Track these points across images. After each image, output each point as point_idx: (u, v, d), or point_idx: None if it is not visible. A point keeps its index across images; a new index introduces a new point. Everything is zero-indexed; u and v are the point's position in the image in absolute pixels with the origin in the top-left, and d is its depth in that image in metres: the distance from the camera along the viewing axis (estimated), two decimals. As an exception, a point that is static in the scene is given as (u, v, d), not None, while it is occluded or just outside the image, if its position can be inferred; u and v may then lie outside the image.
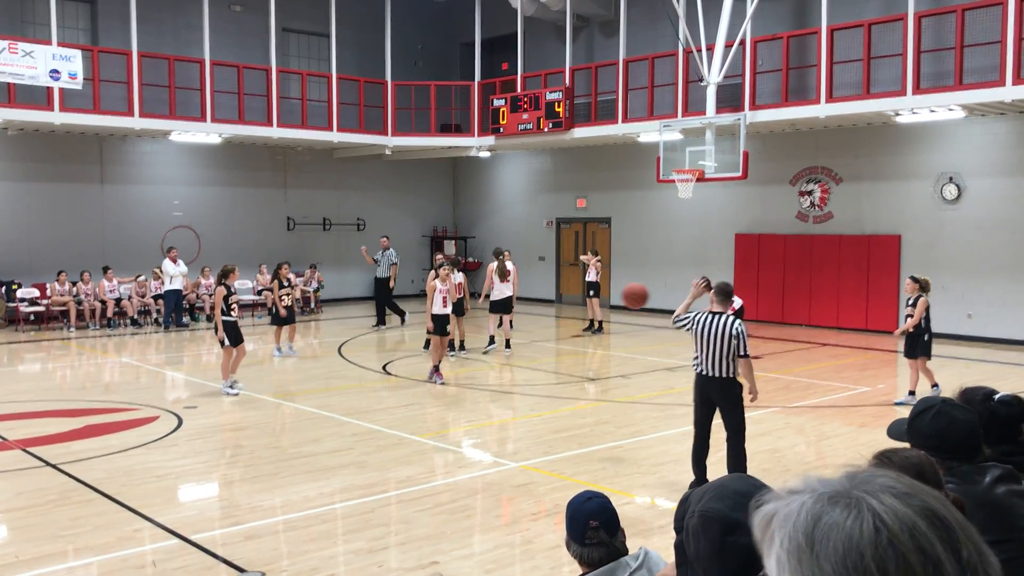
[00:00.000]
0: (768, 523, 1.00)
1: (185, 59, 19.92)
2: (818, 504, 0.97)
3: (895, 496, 0.96)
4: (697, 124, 17.46)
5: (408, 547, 6.34)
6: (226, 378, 12.11)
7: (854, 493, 0.97)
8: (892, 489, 0.97)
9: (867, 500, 0.96)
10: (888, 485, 0.98)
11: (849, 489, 0.98)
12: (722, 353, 7.48)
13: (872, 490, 0.97)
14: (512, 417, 10.98)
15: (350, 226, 25.40)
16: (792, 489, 1.01)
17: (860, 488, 0.98)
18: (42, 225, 20.38)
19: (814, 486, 1.00)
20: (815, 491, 0.99)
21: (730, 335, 7.43)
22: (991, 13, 14.84)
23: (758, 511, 1.03)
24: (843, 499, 0.96)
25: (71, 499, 7.46)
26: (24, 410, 11.11)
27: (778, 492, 1.02)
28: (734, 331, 7.43)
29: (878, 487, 0.98)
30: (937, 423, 3.01)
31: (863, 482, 0.99)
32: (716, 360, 7.51)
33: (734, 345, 7.48)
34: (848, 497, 0.96)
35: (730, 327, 7.44)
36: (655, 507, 7.46)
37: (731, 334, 7.43)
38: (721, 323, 7.45)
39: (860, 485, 0.98)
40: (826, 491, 0.98)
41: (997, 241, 16.95)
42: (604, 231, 24.06)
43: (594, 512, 3.07)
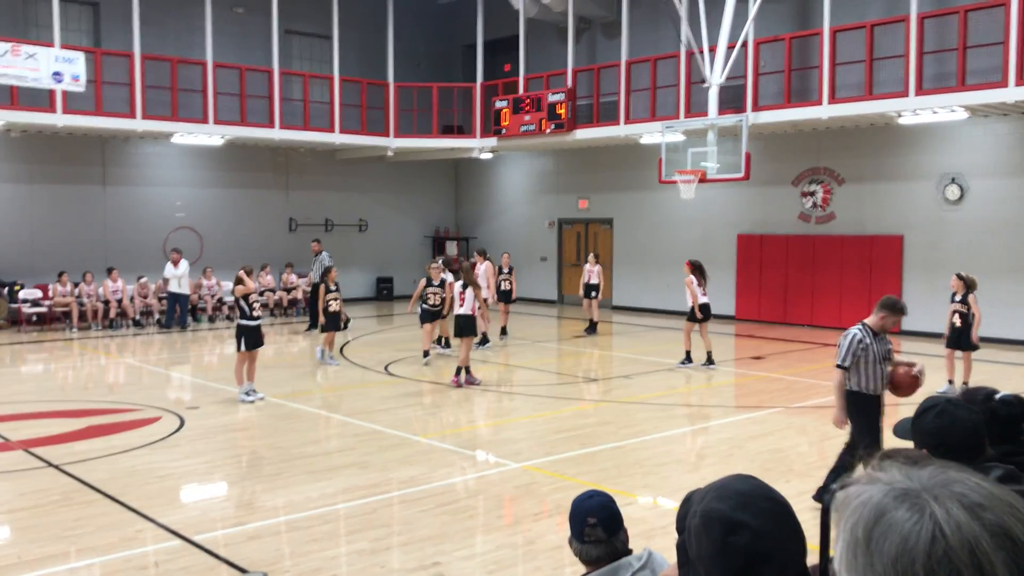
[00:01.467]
0: (842, 508, 0.99)
1: (187, 61, 19.95)
2: (886, 499, 0.95)
3: (965, 507, 0.93)
4: (699, 125, 17.46)
5: (410, 547, 6.34)
6: (240, 384, 11.65)
7: (924, 495, 0.94)
8: (964, 498, 0.94)
9: (933, 505, 0.93)
10: (962, 493, 0.94)
11: (922, 489, 0.95)
12: (883, 372, 6.99)
13: (944, 495, 0.94)
14: (514, 417, 10.98)
15: (352, 227, 25.41)
16: (873, 476, 1.00)
17: (934, 490, 0.95)
18: (44, 226, 20.41)
19: (893, 477, 0.98)
20: (890, 484, 0.97)
21: (888, 353, 7.03)
22: (993, 14, 14.83)
23: (839, 492, 1.02)
24: (911, 499, 0.94)
25: (73, 500, 7.47)
26: (27, 411, 11.13)
27: (863, 475, 1.01)
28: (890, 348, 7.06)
29: (951, 493, 0.94)
30: (940, 422, 3.01)
31: (940, 484, 0.96)
32: (875, 381, 7.01)
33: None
34: (917, 498, 0.94)
35: (888, 346, 7.07)
36: (657, 507, 7.46)
37: (888, 352, 7.04)
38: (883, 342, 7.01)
39: (935, 487, 0.95)
40: (900, 486, 0.96)
41: (1000, 242, 16.93)
42: (606, 232, 24.06)
43: (593, 510, 3.08)
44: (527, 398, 12.05)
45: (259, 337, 11.75)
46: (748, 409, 11.33)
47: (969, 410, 3.07)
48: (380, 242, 25.75)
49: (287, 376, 13.93)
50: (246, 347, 11.55)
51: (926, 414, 3.08)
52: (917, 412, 3.14)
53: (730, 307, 21.15)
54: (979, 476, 0.98)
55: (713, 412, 11.27)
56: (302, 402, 11.65)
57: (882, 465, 1.02)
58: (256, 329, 11.67)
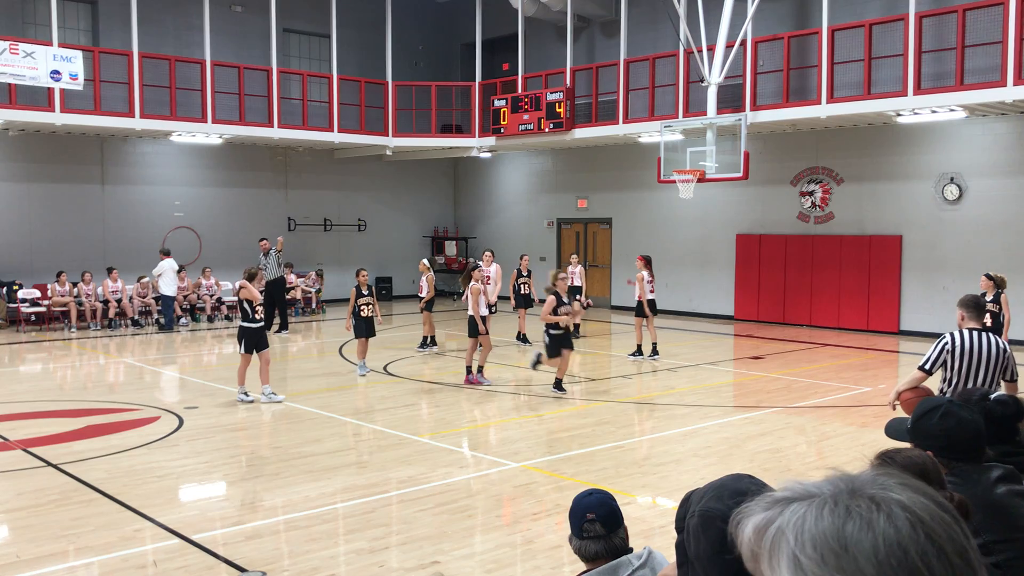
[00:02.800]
0: (764, 533, 0.96)
1: (186, 60, 19.94)
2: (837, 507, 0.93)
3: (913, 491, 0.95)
4: (698, 124, 17.46)
5: (409, 547, 6.34)
6: (240, 384, 11.55)
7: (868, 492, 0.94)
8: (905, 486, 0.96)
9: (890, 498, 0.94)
10: (899, 483, 0.96)
11: (858, 490, 0.95)
12: (992, 378, 6.27)
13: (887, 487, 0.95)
14: (513, 417, 10.98)
15: (351, 227, 25.41)
16: (778, 498, 0.97)
17: (871, 488, 0.95)
18: (43, 226, 20.40)
19: (809, 491, 0.97)
20: (816, 495, 0.96)
21: (1001, 354, 6.28)
22: (992, 13, 14.84)
23: (746, 522, 0.98)
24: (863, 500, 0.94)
25: (72, 499, 7.46)
26: (25, 410, 11.12)
27: (760, 503, 0.98)
28: (1006, 350, 6.33)
29: (890, 485, 0.95)
30: (945, 423, 3.01)
31: (869, 483, 0.96)
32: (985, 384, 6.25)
33: (1002, 368, 6.30)
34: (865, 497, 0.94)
35: (1000, 345, 6.32)
36: (656, 507, 7.46)
37: (1002, 353, 6.29)
38: (988, 341, 6.30)
39: (868, 485, 0.95)
40: (832, 494, 0.95)
41: (998, 241, 16.94)
42: (605, 231, 24.06)
43: (592, 506, 3.08)
44: (526, 398, 12.05)
45: (261, 339, 11.59)
46: (746, 409, 11.33)
47: (972, 411, 3.08)
48: (379, 241, 25.75)
49: (286, 376, 13.92)
50: (245, 349, 11.47)
51: (929, 416, 3.07)
52: (918, 413, 3.14)
53: (729, 307, 21.16)
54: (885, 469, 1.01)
55: (712, 412, 11.27)
56: (301, 402, 11.65)
57: (782, 486, 1.02)
58: (257, 331, 11.52)
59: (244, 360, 11.59)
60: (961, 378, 6.24)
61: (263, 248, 19.44)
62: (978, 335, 6.28)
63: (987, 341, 6.26)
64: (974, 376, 6.22)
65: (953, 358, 6.26)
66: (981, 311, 6.51)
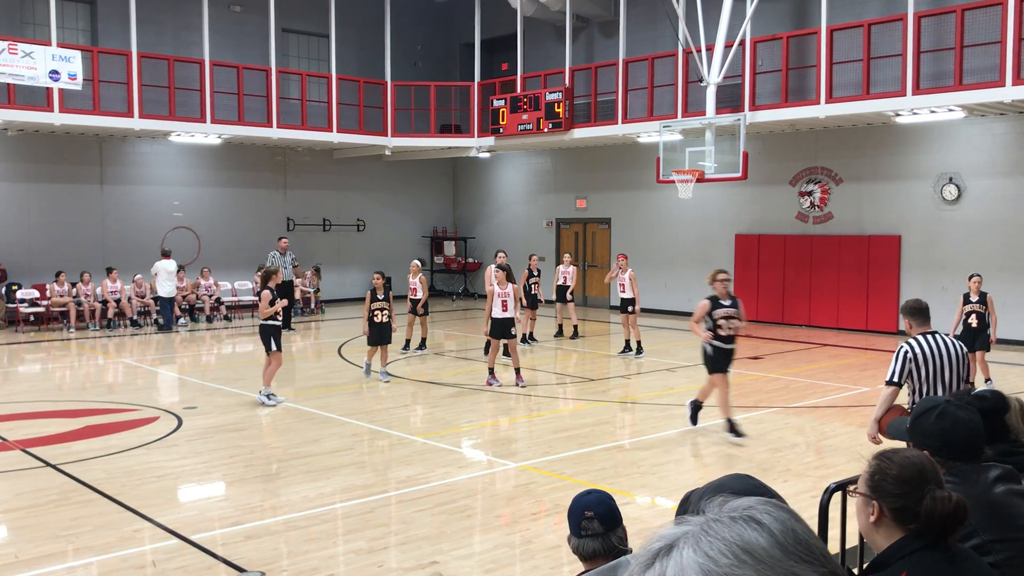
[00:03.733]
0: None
1: (185, 60, 19.93)
2: (718, 525, 1.01)
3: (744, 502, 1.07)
4: (697, 124, 17.47)
5: (408, 547, 6.34)
6: (268, 385, 11.45)
7: (721, 515, 1.03)
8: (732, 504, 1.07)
9: (740, 507, 1.05)
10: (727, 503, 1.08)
11: (712, 517, 1.03)
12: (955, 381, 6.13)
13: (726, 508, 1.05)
14: (512, 417, 10.98)
15: (350, 227, 25.40)
16: (654, 550, 1.01)
17: (717, 514, 1.03)
18: (42, 226, 20.38)
19: (674, 532, 1.02)
20: (686, 531, 1.01)
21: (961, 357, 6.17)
22: (991, 13, 14.84)
23: None
24: (725, 517, 1.02)
25: (71, 499, 7.46)
26: (24, 410, 11.12)
27: (638, 566, 1.02)
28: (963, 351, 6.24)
29: (727, 507, 1.06)
30: (941, 423, 3.02)
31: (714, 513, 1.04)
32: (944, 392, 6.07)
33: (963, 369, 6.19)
34: (725, 516, 1.02)
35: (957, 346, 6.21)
36: (655, 507, 7.46)
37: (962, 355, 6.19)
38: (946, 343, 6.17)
39: (714, 515, 1.03)
40: (700, 523, 1.02)
41: (997, 241, 16.95)
42: (604, 232, 24.07)
43: (590, 504, 3.09)
44: (525, 398, 12.04)
45: (279, 339, 11.70)
46: (746, 409, 11.33)
47: (969, 411, 3.09)
48: (378, 241, 25.72)
49: (286, 376, 13.91)
50: (277, 347, 11.52)
51: (926, 415, 3.08)
52: (916, 413, 3.15)
53: (728, 306, 21.14)
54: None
55: (711, 412, 11.27)
56: (300, 402, 11.64)
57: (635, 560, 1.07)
58: (277, 329, 11.64)
59: (276, 359, 11.53)
60: (929, 385, 6.08)
61: (283, 247, 19.57)
62: (934, 339, 6.13)
63: (945, 343, 6.13)
64: (940, 381, 6.06)
65: (917, 366, 6.07)
66: (927, 314, 6.30)
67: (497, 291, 12.48)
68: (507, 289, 12.53)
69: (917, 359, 6.07)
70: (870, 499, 2.51)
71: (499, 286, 12.48)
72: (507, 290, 12.53)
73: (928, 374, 6.08)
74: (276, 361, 11.51)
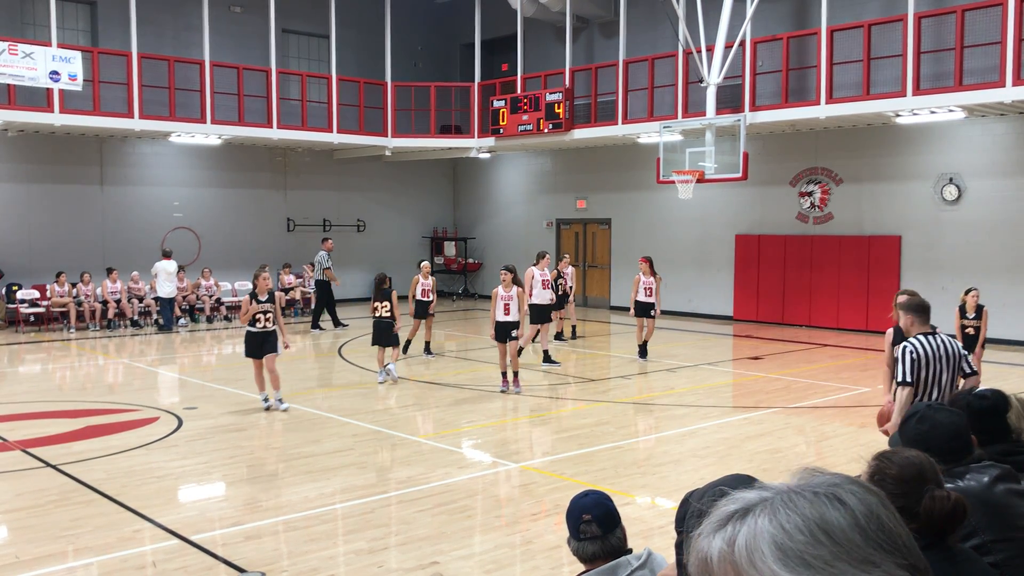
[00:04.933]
0: (735, 544, 0.96)
1: (185, 60, 19.93)
2: (800, 498, 0.97)
3: (833, 477, 1.02)
4: (697, 125, 17.47)
5: (408, 547, 6.34)
6: (261, 391, 11.08)
7: (806, 489, 0.99)
8: (826, 479, 1.02)
9: (829, 483, 1.00)
10: (818, 478, 1.02)
11: (795, 489, 0.99)
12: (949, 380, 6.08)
13: (816, 481, 1.00)
14: (512, 418, 10.98)
15: (350, 227, 25.41)
16: (729, 512, 0.99)
17: (805, 486, 0.99)
18: (42, 226, 20.39)
19: (752, 499, 0.99)
20: (766, 498, 0.98)
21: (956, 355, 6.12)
22: (991, 14, 14.85)
23: (709, 543, 0.99)
24: (808, 492, 0.98)
25: (71, 500, 7.46)
26: (24, 411, 11.12)
27: (711, 525, 1.00)
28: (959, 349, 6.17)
29: (817, 480, 1.01)
30: (921, 427, 3.10)
31: (799, 485, 1.00)
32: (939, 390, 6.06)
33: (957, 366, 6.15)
34: (809, 491, 0.98)
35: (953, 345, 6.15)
36: (655, 507, 7.46)
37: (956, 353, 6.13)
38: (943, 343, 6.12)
39: (800, 487, 0.99)
40: (783, 492, 0.98)
41: (997, 242, 16.95)
42: (604, 232, 24.07)
43: (588, 507, 3.08)
44: (525, 398, 12.04)
45: (257, 346, 10.89)
46: (746, 409, 11.34)
47: (950, 413, 3.16)
48: (378, 242, 25.73)
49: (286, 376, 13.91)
50: (248, 353, 11.04)
51: (909, 421, 3.19)
52: (904, 418, 3.22)
53: (728, 307, 21.17)
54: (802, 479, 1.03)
55: (711, 412, 11.27)
56: (300, 402, 11.64)
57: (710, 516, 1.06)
58: (254, 336, 10.91)
59: (255, 366, 11.05)
60: (926, 387, 6.02)
61: (329, 247, 19.83)
62: (935, 339, 6.07)
63: (943, 343, 6.08)
64: (938, 381, 6.02)
65: (919, 367, 6.00)
66: (928, 313, 6.25)
67: (501, 293, 12.10)
68: (511, 292, 12.07)
69: (920, 360, 6.00)
70: (869, 499, 2.51)
71: (503, 288, 12.12)
72: (511, 293, 12.07)
73: (928, 375, 6.03)
74: (256, 368, 10.97)
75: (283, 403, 11.05)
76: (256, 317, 10.84)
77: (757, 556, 0.94)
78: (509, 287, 12.07)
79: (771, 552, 0.94)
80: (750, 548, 0.95)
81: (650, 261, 15.48)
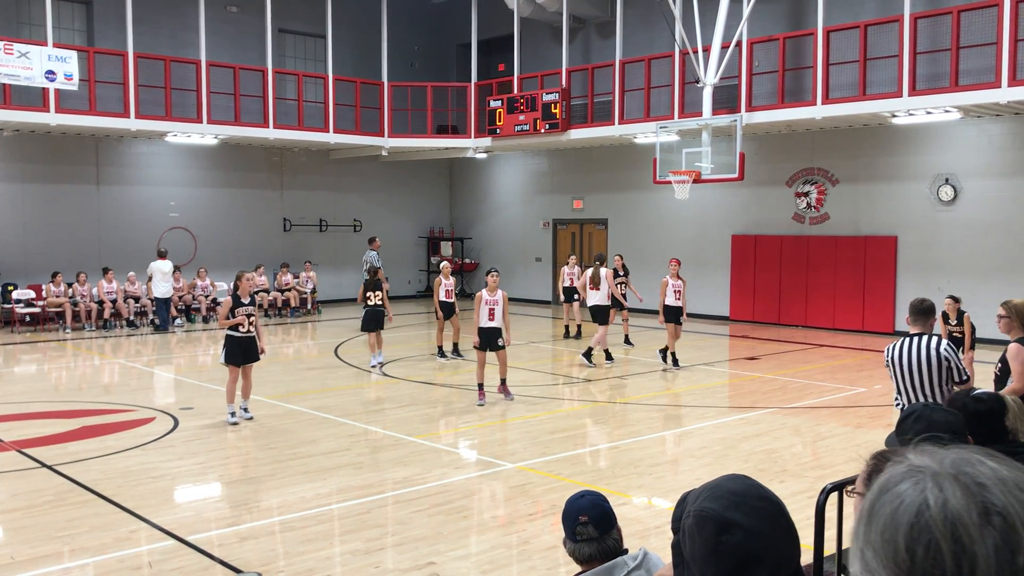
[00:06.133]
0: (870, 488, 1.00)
1: (181, 60, 19.90)
2: (896, 476, 0.97)
3: (963, 485, 0.95)
4: (693, 125, 17.48)
5: (405, 548, 6.34)
6: (231, 403, 10.38)
7: (927, 473, 0.96)
8: (967, 476, 0.96)
9: (929, 482, 0.95)
10: (968, 472, 0.96)
11: (930, 468, 0.97)
12: (931, 384, 5.96)
13: (948, 474, 0.96)
14: (509, 418, 10.98)
15: (346, 227, 25.39)
16: (904, 456, 1.00)
17: (941, 469, 0.97)
18: (38, 226, 20.35)
19: (917, 458, 0.99)
20: (909, 463, 0.99)
21: (939, 359, 5.94)
22: (987, 15, 14.88)
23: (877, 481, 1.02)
24: (916, 476, 0.96)
25: (67, 500, 7.45)
26: (20, 411, 11.10)
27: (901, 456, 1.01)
28: (943, 353, 5.96)
29: (957, 472, 0.96)
30: (917, 427, 3.12)
31: (952, 464, 0.97)
32: (924, 395, 5.92)
33: (945, 372, 5.95)
34: (920, 475, 0.96)
35: (936, 348, 5.97)
36: (652, 507, 7.47)
37: (940, 357, 5.95)
38: (923, 345, 5.98)
39: (947, 467, 0.97)
40: (915, 464, 0.98)
41: (993, 242, 16.98)
42: (601, 232, 24.07)
43: (584, 508, 3.08)
44: (522, 399, 12.04)
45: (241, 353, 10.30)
46: (742, 409, 11.35)
47: (946, 412, 3.19)
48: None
49: (282, 376, 13.91)
50: (225, 359, 10.36)
51: (906, 421, 3.20)
52: (899, 420, 3.24)
53: (724, 308, 21.19)
54: (1006, 461, 0.98)
55: (707, 412, 11.29)
56: (296, 403, 11.63)
57: (919, 447, 1.03)
58: (237, 342, 10.30)
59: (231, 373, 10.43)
60: (902, 390, 6.01)
61: (378, 247, 19.85)
62: (911, 342, 5.98)
63: (918, 347, 5.95)
64: (911, 385, 5.97)
65: (890, 368, 6.08)
66: (923, 315, 6.12)
67: (485, 297, 11.42)
68: (496, 296, 11.44)
69: (889, 361, 6.17)
70: (866, 499, 2.53)
71: (487, 292, 11.44)
72: (496, 297, 11.43)
73: (897, 377, 6.08)
74: (232, 376, 10.32)
75: (248, 412, 10.56)
76: (239, 321, 10.27)
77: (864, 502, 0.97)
78: (494, 291, 11.45)
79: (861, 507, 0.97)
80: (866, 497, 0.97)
81: (679, 263, 14.87)
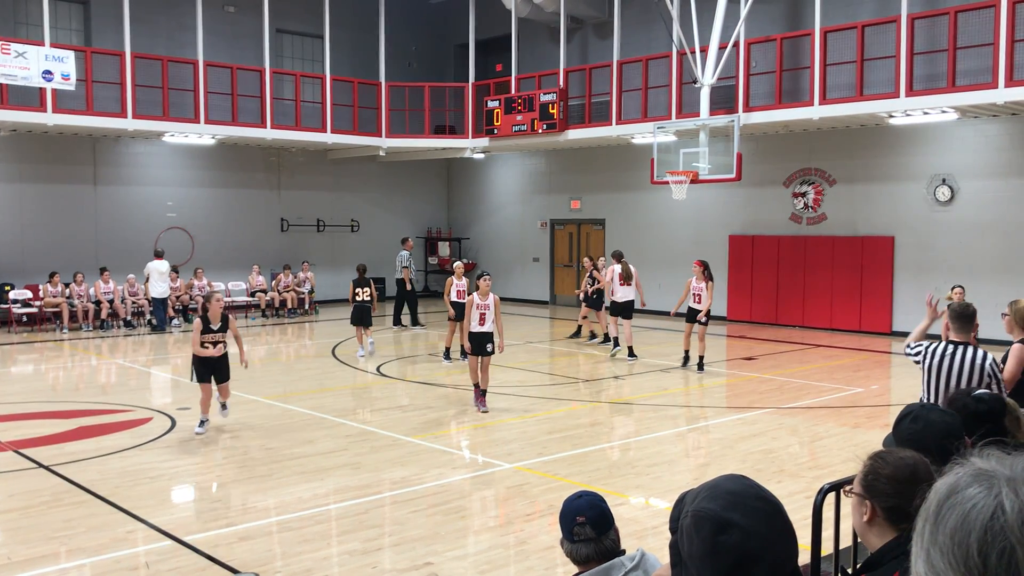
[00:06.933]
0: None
1: (178, 60, 19.89)
2: (964, 478, 0.96)
3: None
4: (691, 126, 17.49)
5: (402, 548, 6.34)
6: (204, 414, 10.00)
7: (999, 478, 0.95)
8: None
9: (1004, 487, 0.94)
10: None
11: (1001, 473, 0.96)
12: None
13: (1020, 480, 0.95)
14: (506, 418, 10.97)
15: (344, 227, 25.38)
16: (969, 460, 1.00)
17: (1013, 475, 0.96)
18: (35, 226, 20.32)
19: (984, 462, 0.99)
20: (975, 467, 0.98)
21: (981, 374, 5.57)
22: (983, 15, 14.90)
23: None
24: (987, 480, 0.95)
25: (64, 500, 7.44)
26: (17, 411, 11.08)
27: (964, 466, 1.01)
28: (987, 368, 5.58)
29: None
30: (914, 427, 3.12)
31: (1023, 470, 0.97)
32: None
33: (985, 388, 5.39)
34: (992, 480, 0.95)
35: (981, 363, 5.58)
36: (649, 508, 7.47)
37: (983, 372, 5.57)
38: (968, 358, 5.61)
39: (1016, 473, 0.96)
40: (983, 468, 0.97)
41: (990, 243, 17.00)
42: (598, 232, 24.08)
43: (582, 509, 3.08)
44: (519, 399, 12.04)
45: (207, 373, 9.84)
46: (739, 410, 11.36)
47: (943, 413, 3.19)
48: (372, 242, 25.70)
49: (280, 377, 13.90)
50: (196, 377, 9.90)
51: (903, 421, 3.21)
52: (896, 420, 3.24)
53: (721, 308, 21.19)
54: None
55: (705, 413, 11.29)
56: (293, 403, 11.63)
57: (984, 451, 1.03)
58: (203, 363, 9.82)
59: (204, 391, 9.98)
60: (930, 395, 5.70)
61: (410, 247, 19.89)
62: (955, 350, 5.65)
63: (962, 358, 5.62)
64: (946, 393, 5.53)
65: (922, 370, 5.73)
66: (965, 322, 5.73)
67: (477, 301, 10.99)
68: (487, 300, 11.00)
69: (923, 362, 5.77)
70: (864, 499, 2.53)
71: (479, 296, 11.01)
72: (487, 301, 11.00)
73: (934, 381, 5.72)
74: (205, 392, 9.91)
75: (226, 407, 10.28)
76: (205, 345, 9.78)
77: (927, 503, 0.97)
78: (486, 295, 11.00)
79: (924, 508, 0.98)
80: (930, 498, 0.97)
81: (705, 265, 14.08)
